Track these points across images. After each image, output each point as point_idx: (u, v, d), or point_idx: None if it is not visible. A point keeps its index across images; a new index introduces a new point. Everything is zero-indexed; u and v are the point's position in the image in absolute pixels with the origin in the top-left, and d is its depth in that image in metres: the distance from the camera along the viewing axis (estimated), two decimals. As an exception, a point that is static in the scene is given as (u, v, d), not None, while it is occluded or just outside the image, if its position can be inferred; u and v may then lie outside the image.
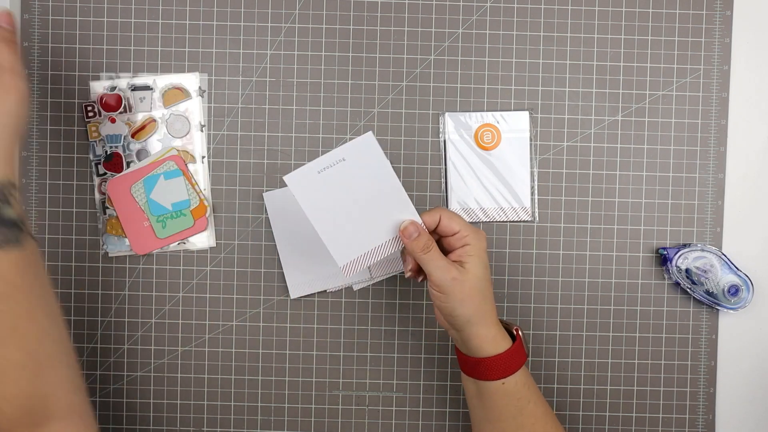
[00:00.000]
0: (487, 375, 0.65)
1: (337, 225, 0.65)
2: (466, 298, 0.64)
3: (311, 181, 0.64)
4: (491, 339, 0.64)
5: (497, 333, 0.65)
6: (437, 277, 0.64)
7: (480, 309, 0.64)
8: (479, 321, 0.64)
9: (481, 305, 0.64)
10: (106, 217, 0.76)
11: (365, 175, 0.65)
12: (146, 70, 0.77)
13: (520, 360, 0.65)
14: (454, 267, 0.64)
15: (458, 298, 0.64)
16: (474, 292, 0.64)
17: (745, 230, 0.78)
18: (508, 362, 0.65)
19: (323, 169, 0.64)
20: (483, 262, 0.65)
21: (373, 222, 0.66)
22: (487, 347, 0.65)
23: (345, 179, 0.64)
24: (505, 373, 0.64)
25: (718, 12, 0.77)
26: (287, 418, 0.77)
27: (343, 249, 0.66)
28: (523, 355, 0.66)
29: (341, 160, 0.64)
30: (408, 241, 0.65)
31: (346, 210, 0.65)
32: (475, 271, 0.64)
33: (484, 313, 0.65)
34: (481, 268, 0.65)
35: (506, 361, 0.65)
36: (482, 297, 0.64)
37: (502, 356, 0.64)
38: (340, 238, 0.65)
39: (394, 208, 0.66)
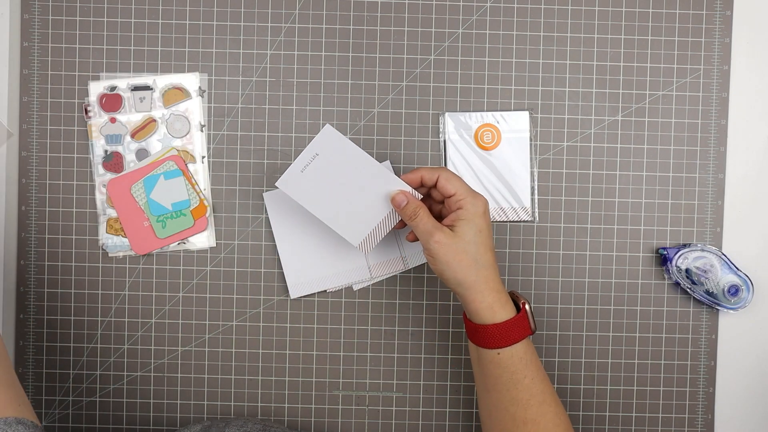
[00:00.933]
0: (483, 342, 0.65)
1: (339, 211, 0.69)
2: (452, 261, 0.64)
3: (299, 180, 0.69)
4: (487, 306, 0.64)
5: (495, 302, 0.64)
6: (423, 240, 0.65)
7: (471, 274, 0.64)
8: (472, 286, 0.64)
9: (472, 270, 0.64)
10: (106, 217, 0.76)
11: (341, 162, 0.69)
12: (146, 70, 0.77)
13: (519, 333, 0.64)
14: (439, 230, 0.64)
15: (444, 260, 0.64)
16: (462, 256, 0.64)
17: (745, 230, 0.78)
18: (504, 333, 0.64)
19: (304, 167, 0.69)
20: (476, 227, 0.64)
21: (369, 200, 0.69)
22: (484, 314, 0.64)
23: (326, 171, 0.69)
24: (500, 343, 0.64)
25: (718, 12, 0.77)
26: (287, 418, 0.77)
27: (353, 230, 0.69)
28: (526, 329, 0.65)
29: (315, 155, 0.68)
30: (399, 210, 0.67)
31: (341, 196, 0.69)
32: (464, 236, 0.64)
33: (478, 278, 0.64)
34: (472, 232, 0.64)
35: (502, 331, 0.64)
36: (472, 261, 0.64)
37: (498, 326, 0.64)
38: (346, 221, 0.69)
39: (380, 183, 0.69)
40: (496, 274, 0.65)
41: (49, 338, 0.77)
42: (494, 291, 0.65)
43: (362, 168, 0.69)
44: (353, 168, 0.69)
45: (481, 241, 0.65)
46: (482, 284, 0.64)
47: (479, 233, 0.65)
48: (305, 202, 0.69)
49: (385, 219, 0.69)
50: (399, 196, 0.67)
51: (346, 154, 0.69)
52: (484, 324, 0.64)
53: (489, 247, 0.65)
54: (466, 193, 0.65)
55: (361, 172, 0.69)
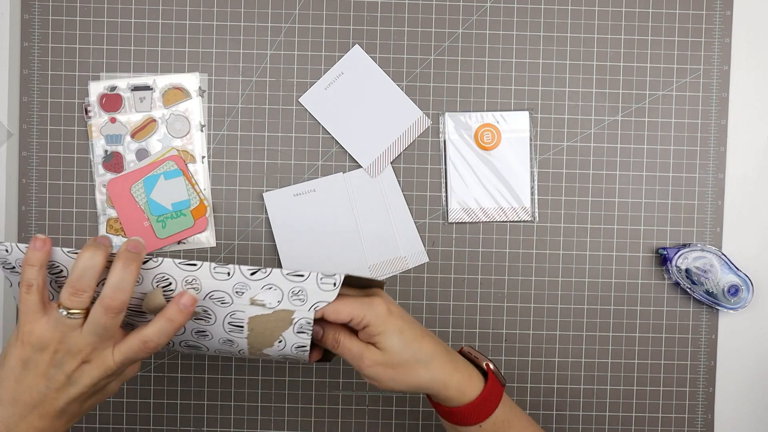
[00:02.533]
0: (463, 421, 0.61)
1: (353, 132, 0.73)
2: (395, 375, 0.59)
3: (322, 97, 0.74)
4: (456, 390, 0.60)
5: (461, 382, 0.60)
6: (356, 367, 0.60)
7: (422, 376, 0.59)
8: (430, 384, 0.60)
9: (423, 371, 0.59)
10: (106, 217, 0.76)
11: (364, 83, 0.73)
12: (146, 70, 0.77)
13: (495, 398, 0.61)
14: (367, 351, 0.59)
15: (387, 378, 0.59)
16: (403, 366, 0.59)
17: (745, 230, 0.78)
18: (481, 407, 0.60)
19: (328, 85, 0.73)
20: (395, 331, 0.58)
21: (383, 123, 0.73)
22: (455, 399, 0.60)
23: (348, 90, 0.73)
24: (480, 418, 0.60)
25: (718, 12, 0.77)
26: (287, 418, 0.77)
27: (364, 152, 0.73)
28: (499, 389, 0.62)
29: (340, 74, 0.72)
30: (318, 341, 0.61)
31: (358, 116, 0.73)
32: (392, 347, 0.58)
33: (432, 377, 0.59)
34: (395, 340, 0.58)
35: (479, 406, 0.60)
36: (418, 364, 0.59)
37: (473, 404, 0.60)
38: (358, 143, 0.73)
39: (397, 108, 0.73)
40: (444, 354, 0.60)
41: (49, 338, 0.77)
42: (454, 372, 0.60)
43: (382, 91, 0.72)
44: (374, 90, 0.72)
45: (409, 340, 0.59)
46: (439, 375, 0.59)
47: (401, 334, 0.59)
48: (323, 120, 0.74)
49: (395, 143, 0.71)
50: (315, 328, 0.60)
51: (369, 75, 0.72)
52: (459, 406, 0.60)
53: (419, 336, 0.60)
54: (359, 308, 0.58)
55: (381, 95, 0.72)
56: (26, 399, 0.54)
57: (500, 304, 0.78)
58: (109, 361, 0.55)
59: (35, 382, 0.54)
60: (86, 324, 0.54)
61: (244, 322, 0.59)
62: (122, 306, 0.54)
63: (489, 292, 0.77)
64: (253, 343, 0.60)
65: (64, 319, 0.54)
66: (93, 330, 0.54)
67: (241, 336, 0.60)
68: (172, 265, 0.57)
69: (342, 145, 0.76)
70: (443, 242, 0.77)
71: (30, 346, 0.54)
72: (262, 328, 0.59)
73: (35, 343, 0.54)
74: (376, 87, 0.76)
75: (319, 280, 0.58)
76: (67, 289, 0.54)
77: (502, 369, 0.78)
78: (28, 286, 0.54)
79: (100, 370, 0.55)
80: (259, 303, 0.58)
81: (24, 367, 0.54)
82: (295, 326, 0.59)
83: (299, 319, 0.58)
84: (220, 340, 0.61)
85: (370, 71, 0.76)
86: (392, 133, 0.76)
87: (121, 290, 0.54)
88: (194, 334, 0.60)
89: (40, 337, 0.54)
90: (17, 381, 0.54)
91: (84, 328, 0.54)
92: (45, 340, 0.54)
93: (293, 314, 0.58)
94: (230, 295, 0.58)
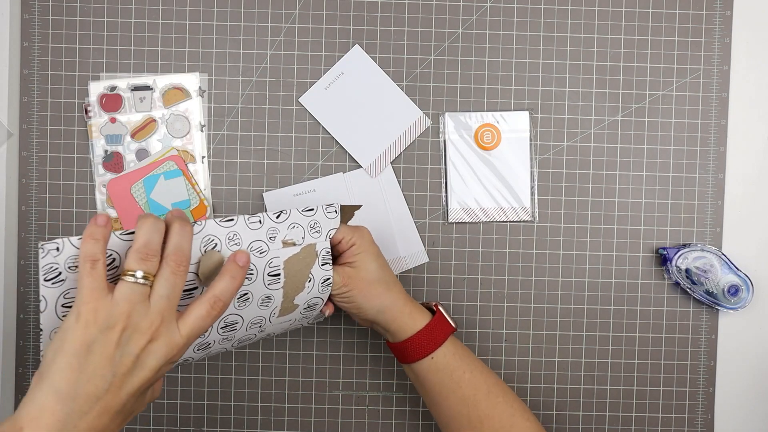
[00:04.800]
0: (415, 354, 0.66)
1: (354, 131, 0.74)
2: (366, 292, 0.66)
3: (322, 98, 0.75)
4: (408, 316, 0.66)
5: (412, 311, 0.67)
6: (335, 282, 0.65)
7: (385, 297, 0.66)
8: (390, 307, 0.66)
9: (385, 293, 0.66)
10: (106, 217, 0.76)
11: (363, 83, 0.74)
12: (146, 70, 0.77)
13: (444, 332, 0.67)
14: (344, 269, 0.66)
15: (360, 294, 0.66)
16: (373, 284, 0.66)
17: (745, 230, 0.78)
18: (430, 335, 0.66)
19: (328, 85, 0.74)
20: (372, 254, 0.67)
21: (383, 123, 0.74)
22: (407, 326, 0.66)
23: (349, 90, 0.74)
24: (430, 348, 0.66)
25: (718, 12, 0.77)
26: (287, 418, 0.77)
27: (364, 152, 0.75)
28: (447, 326, 0.67)
29: (340, 74, 0.73)
30: None
31: (358, 117, 0.74)
32: (367, 266, 0.66)
33: (393, 299, 0.66)
34: (372, 260, 0.66)
35: (428, 334, 0.66)
36: (384, 286, 0.66)
37: (422, 332, 0.66)
38: (358, 143, 0.74)
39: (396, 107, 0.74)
40: (401, 287, 0.68)
41: (49, 338, 0.77)
42: (408, 302, 0.67)
43: (382, 91, 0.73)
44: (374, 90, 0.73)
45: (382, 264, 0.67)
46: (397, 301, 0.67)
47: (377, 258, 0.67)
48: (323, 120, 0.75)
49: (395, 143, 0.72)
50: None
51: (369, 75, 0.73)
52: (410, 336, 0.66)
53: (387, 266, 0.68)
54: (350, 231, 0.67)
55: (381, 95, 0.73)
56: (89, 390, 0.48)
57: (500, 304, 0.78)
58: (176, 335, 0.51)
59: (101, 369, 0.48)
60: (153, 293, 0.51)
61: (280, 268, 0.62)
62: (187, 263, 0.52)
63: (489, 292, 0.77)
64: (288, 291, 0.63)
65: (134, 286, 0.50)
66: (161, 295, 0.51)
67: (278, 286, 0.62)
68: (215, 224, 0.58)
69: (342, 145, 0.76)
70: (443, 242, 0.77)
71: (96, 326, 0.49)
72: (295, 269, 0.63)
73: (102, 322, 0.49)
74: (376, 87, 0.76)
75: (325, 211, 0.66)
76: (133, 255, 0.51)
77: (502, 369, 0.78)
78: (93, 261, 0.50)
79: (168, 348, 0.51)
80: (290, 242, 0.63)
81: (88, 352, 0.48)
82: (319, 258, 0.65)
83: (321, 250, 0.65)
84: (260, 300, 0.62)
85: (370, 71, 0.76)
86: (392, 133, 0.76)
87: (182, 249, 0.52)
88: (236, 301, 0.60)
89: (108, 314, 0.49)
90: (80, 369, 0.48)
91: (152, 298, 0.51)
92: (114, 318, 0.49)
93: (316, 246, 0.64)
94: (266, 242, 0.61)
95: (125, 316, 0.49)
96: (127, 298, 0.50)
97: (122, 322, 0.49)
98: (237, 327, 0.62)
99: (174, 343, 0.51)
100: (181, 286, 0.52)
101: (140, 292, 0.50)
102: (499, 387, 0.67)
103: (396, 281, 0.68)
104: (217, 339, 0.62)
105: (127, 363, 0.49)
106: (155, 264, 0.51)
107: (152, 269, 0.51)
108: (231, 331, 0.62)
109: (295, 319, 0.67)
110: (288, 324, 0.67)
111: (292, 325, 0.68)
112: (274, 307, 0.64)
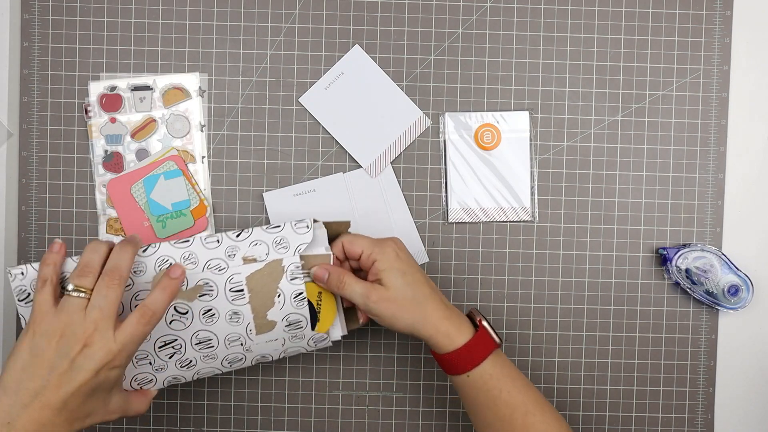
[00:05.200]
0: (453, 369, 0.66)
1: (354, 131, 0.74)
2: (397, 311, 0.64)
3: (322, 98, 0.75)
4: (444, 336, 0.65)
5: (449, 330, 0.65)
6: (361, 304, 0.65)
7: (416, 314, 0.65)
8: (423, 324, 0.65)
9: (416, 310, 0.65)
10: (106, 217, 0.76)
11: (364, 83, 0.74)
12: (146, 70, 0.77)
13: (483, 351, 0.65)
14: (373, 288, 0.65)
15: (388, 314, 0.65)
16: (403, 302, 0.65)
17: (745, 230, 0.78)
18: (467, 355, 0.65)
19: (328, 85, 0.74)
20: (397, 271, 0.65)
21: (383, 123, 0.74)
22: (443, 344, 0.65)
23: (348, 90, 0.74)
24: (467, 367, 0.65)
25: (718, 12, 0.77)
26: (287, 418, 0.77)
27: (364, 152, 0.74)
28: (489, 344, 0.65)
29: (340, 74, 0.73)
30: (325, 285, 0.66)
31: (358, 117, 0.74)
32: (392, 283, 0.65)
33: (425, 316, 0.65)
34: (397, 277, 0.65)
35: (465, 354, 0.64)
36: (414, 303, 0.65)
37: (459, 351, 0.64)
38: (359, 143, 0.74)
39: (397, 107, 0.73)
40: (439, 302, 0.66)
41: (49, 338, 0.77)
42: (444, 319, 0.65)
43: (382, 91, 0.73)
44: (374, 90, 0.73)
45: (410, 281, 0.65)
46: (431, 319, 0.65)
47: (404, 275, 0.65)
48: (323, 120, 0.74)
49: (395, 143, 0.72)
50: (319, 271, 0.66)
51: (369, 75, 0.73)
52: (447, 353, 0.65)
53: (420, 281, 0.66)
54: (372, 246, 0.66)
55: (381, 95, 0.73)
56: (29, 386, 0.56)
57: (500, 304, 0.78)
58: (111, 342, 0.57)
59: (40, 369, 0.56)
60: (89, 304, 0.58)
61: (242, 284, 0.64)
62: (121, 278, 0.59)
63: (489, 292, 0.77)
64: (257, 307, 0.65)
65: (72, 299, 0.58)
66: (94, 306, 0.58)
67: (243, 302, 0.65)
68: (169, 246, 0.64)
69: (342, 145, 0.76)
70: (443, 242, 0.77)
71: (39, 335, 0.57)
72: (260, 285, 0.64)
73: (44, 331, 0.57)
74: (376, 87, 0.76)
75: (294, 226, 0.66)
76: (74, 273, 0.59)
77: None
78: (43, 281, 0.59)
79: (103, 352, 0.57)
80: (251, 258, 0.64)
81: (31, 355, 0.57)
82: (287, 274, 0.65)
83: (288, 265, 0.65)
84: (227, 315, 0.64)
85: (370, 71, 0.76)
86: (392, 133, 0.76)
87: (118, 266, 0.59)
88: (202, 317, 0.64)
89: (49, 324, 0.57)
90: (23, 369, 0.56)
91: (87, 309, 0.58)
92: (53, 327, 0.57)
93: (282, 262, 0.65)
94: (224, 260, 0.64)
95: (63, 326, 0.57)
96: (65, 309, 0.58)
97: (60, 330, 0.57)
98: (213, 344, 0.65)
99: (108, 349, 0.57)
100: (115, 298, 0.58)
101: (77, 304, 0.58)
102: (539, 405, 0.65)
103: (430, 296, 0.66)
104: (198, 356, 0.65)
105: (64, 365, 0.56)
106: (92, 280, 0.59)
107: (88, 284, 0.59)
108: (208, 348, 0.65)
109: (284, 339, 0.67)
110: (278, 344, 0.67)
111: (287, 347, 0.68)
112: (248, 324, 0.65)
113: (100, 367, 0.57)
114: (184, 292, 0.65)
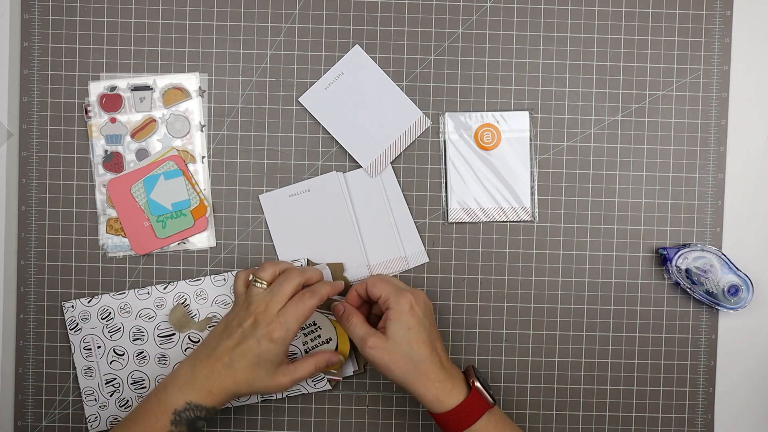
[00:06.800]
0: (445, 429, 0.66)
1: (354, 132, 0.75)
2: (388, 363, 0.65)
3: (322, 97, 0.75)
4: (433, 398, 0.65)
5: (439, 392, 0.65)
6: (359, 347, 0.67)
7: (408, 372, 0.65)
8: (413, 383, 0.65)
9: (409, 368, 0.65)
10: (106, 217, 0.76)
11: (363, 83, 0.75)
12: (146, 70, 0.77)
13: (474, 413, 0.65)
14: (372, 335, 0.66)
15: (381, 364, 0.66)
16: (396, 357, 0.65)
17: (745, 230, 0.78)
18: (457, 418, 0.65)
19: (328, 85, 0.75)
20: (404, 325, 0.66)
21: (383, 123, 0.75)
22: (433, 405, 0.66)
23: (348, 90, 0.75)
24: (459, 427, 0.65)
25: (718, 12, 0.77)
26: (287, 418, 0.77)
27: (364, 152, 0.75)
28: (482, 405, 0.66)
29: (340, 74, 0.75)
30: (338, 318, 0.70)
31: (358, 117, 0.75)
32: (394, 336, 0.66)
33: (416, 375, 0.65)
34: (402, 330, 0.66)
35: (454, 417, 0.65)
36: (408, 360, 0.65)
37: (449, 414, 0.65)
38: (358, 143, 0.75)
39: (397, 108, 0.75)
40: (435, 365, 0.66)
41: (49, 338, 0.77)
42: (437, 382, 0.65)
43: (382, 91, 0.73)
44: (374, 90, 0.73)
45: (413, 338, 0.65)
46: (422, 379, 0.65)
47: (408, 330, 0.66)
48: (323, 120, 0.75)
49: (395, 143, 0.72)
50: (338, 305, 0.70)
51: (369, 75, 0.73)
52: (436, 414, 0.66)
53: (422, 341, 0.66)
54: (390, 293, 0.67)
55: (381, 95, 0.73)
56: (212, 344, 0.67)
57: (500, 304, 0.78)
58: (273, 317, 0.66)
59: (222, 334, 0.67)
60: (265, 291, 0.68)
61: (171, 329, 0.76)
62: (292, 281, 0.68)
63: (489, 292, 0.77)
64: None
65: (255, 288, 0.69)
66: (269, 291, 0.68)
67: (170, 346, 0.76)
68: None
69: (342, 145, 0.76)
70: (443, 242, 0.77)
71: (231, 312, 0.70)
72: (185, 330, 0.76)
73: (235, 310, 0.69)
74: (376, 87, 0.76)
75: (212, 280, 0.76)
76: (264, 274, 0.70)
77: (502, 369, 0.78)
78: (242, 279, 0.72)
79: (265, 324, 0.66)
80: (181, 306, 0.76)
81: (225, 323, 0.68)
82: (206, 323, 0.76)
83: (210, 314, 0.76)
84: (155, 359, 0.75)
85: (370, 71, 0.76)
86: (392, 133, 0.76)
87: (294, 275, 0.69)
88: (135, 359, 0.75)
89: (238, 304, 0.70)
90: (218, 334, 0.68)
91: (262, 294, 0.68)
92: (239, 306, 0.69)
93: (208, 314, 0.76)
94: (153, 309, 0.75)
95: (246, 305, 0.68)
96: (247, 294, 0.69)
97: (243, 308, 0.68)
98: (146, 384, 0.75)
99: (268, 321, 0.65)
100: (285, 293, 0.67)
101: (256, 291, 0.68)
102: None
103: (428, 358, 0.66)
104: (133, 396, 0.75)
105: (238, 333, 0.66)
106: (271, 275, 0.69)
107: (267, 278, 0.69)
108: (141, 388, 0.75)
109: None
110: None
111: None
112: None
113: (261, 335, 0.65)
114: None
